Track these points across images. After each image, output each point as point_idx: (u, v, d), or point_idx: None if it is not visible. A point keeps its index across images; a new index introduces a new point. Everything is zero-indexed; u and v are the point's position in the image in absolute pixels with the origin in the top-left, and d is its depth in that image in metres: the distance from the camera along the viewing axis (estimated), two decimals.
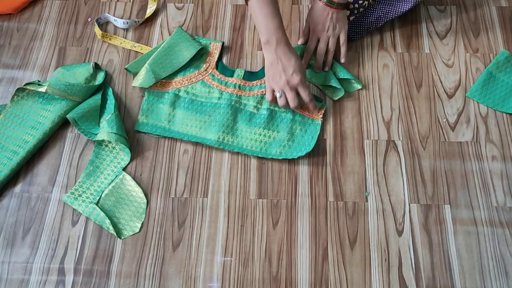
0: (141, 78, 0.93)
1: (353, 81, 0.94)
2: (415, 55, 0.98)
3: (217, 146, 0.88)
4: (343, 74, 0.94)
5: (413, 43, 1.00)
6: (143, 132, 0.91)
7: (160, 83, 0.94)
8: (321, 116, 0.90)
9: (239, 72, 0.95)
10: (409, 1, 0.94)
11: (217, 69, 0.96)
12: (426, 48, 0.99)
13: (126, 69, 0.97)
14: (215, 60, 0.97)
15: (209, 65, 0.96)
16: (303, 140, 0.88)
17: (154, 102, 0.93)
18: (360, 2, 0.97)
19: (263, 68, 0.94)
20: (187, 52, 0.96)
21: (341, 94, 0.93)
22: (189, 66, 0.96)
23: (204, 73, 0.95)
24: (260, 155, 0.87)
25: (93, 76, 0.95)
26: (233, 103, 0.91)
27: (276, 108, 0.91)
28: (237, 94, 0.92)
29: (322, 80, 0.94)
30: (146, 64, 0.93)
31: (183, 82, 0.94)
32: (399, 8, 0.95)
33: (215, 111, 0.91)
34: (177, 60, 0.95)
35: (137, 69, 0.96)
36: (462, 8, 1.04)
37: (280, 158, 0.87)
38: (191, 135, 0.89)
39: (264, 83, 0.92)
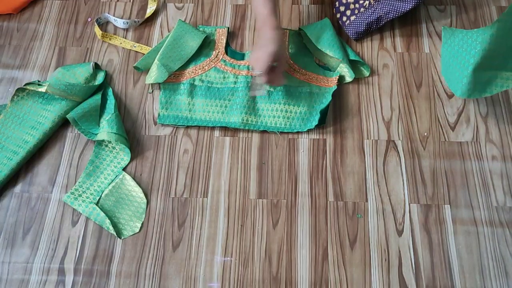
0: (154, 75, 0.93)
1: (361, 67, 0.95)
2: (415, 55, 0.98)
3: (243, 127, 0.90)
4: (353, 55, 0.95)
5: (413, 43, 1.00)
6: (167, 125, 0.92)
7: (173, 75, 0.95)
8: (336, 82, 0.92)
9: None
10: (410, 2, 0.94)
11: (227, 54, 0.98)
12: (426, 48, 0.99)
13: (135, 67, 0.97)
14: (224, 45, 0.99)
15: (219, 52, 0.98)
16: (321, 107, 0.91)
17: (171, 94, 0.94)
18: (361, 2, 0.98)
19: None
20: (193, 42, 0.97)
21: (351, 77, 0.93)
22: (199, 55, 0.98)
23: (215, 60, 0.97)
24: (285, 131, 0.90)
25: (93, 76, 0.95)
26: (249, 84, 0.93)
27: (292, 84, 0.93)
28: (251, 76, 0.94)
29: (341, 55, 0.93)
30: (156, 60, 0.94)
31: (197, 71, 0.95)
32: (399, 8, 0.95)
33: (233, 95, 0.93)
34: (185, 52, 0.96)
35: (147, 66, 0.96)
36: (462, 8, 1.04)
37: (305, 130, 0.89)
38: (214, 120, 0.91)
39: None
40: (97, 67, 0.97)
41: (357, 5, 0.98)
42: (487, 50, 0.76)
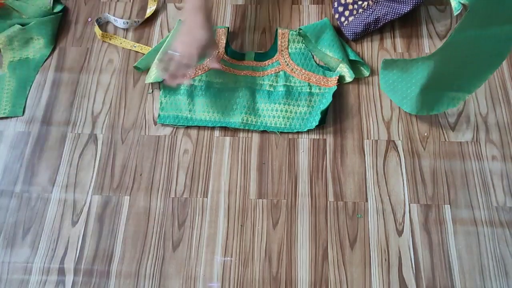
0: (154, 74, 0.93)
1: (361, 67, 0.95)
2: (415, 55, 0.98)
3: (243, 127, 0.90)
4: (353, 56, 0.95)
5: (413, 43, 1.00)
6: (167, 125, 0.92)
7: None
8: (336, 82, 0.92)
9: (250, 55, 0.97)
10: (408, 4, 0.94)
11: (226, 54, 0.98)
12: (426, 48, 0.99)
13: (135, 67, 0.97)
14: (224, 45, 0.99)
15: (219, 52, 0.98)
16: (322, 107, 0.90)
17: (172, 95, 0.94)
18: (359, 3, 0.98)
19: (272, 47, 0.99)
20: None
21: (351, 77, 0.93)
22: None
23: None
24: (285, 131, 0.90)
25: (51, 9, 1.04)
26: (249, 84, 0.93)
27: (292, 84, 0.93)
28: (251, 76, 0.94)
29: (341, 55, 0.93)
30: (155, 60, 0.94)
31: (197, 72, 0.95)
32: (398, 10, 0.95)
33: (233, 95, 0.93)
34: None
35: (147, 66, 0.97)
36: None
37: (305, 130, 0.89)
38: (214, 121, 0.91)
39: (276, 61, 0.96)
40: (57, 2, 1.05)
41: (355, 6, 0.98)
42: (429, 77, 0.78)
